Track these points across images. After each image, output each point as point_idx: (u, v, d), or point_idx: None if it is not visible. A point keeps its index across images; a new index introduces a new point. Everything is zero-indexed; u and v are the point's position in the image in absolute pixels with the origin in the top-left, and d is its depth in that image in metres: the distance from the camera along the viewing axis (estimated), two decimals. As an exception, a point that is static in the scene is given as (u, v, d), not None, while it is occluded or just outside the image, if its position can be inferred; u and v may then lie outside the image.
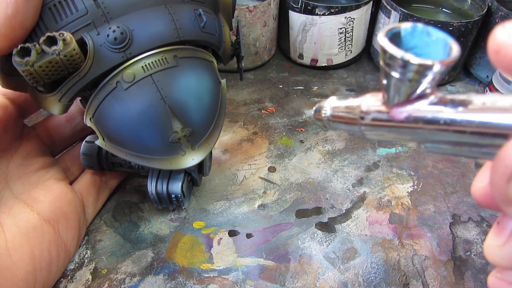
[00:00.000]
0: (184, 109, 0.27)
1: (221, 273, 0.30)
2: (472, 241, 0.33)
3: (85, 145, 0.32)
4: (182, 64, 0.26)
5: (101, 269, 0.30)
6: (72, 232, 0.30)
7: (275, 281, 0.30)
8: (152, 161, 0.27)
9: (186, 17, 0.26)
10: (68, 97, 0.25)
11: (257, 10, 0.46)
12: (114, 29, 0.24)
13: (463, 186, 0.38)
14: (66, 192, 0.31)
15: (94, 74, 0.24)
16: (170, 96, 0.26)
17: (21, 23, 0.23)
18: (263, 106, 0.46)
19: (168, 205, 0.32)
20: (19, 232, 0.26)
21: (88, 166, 0.32)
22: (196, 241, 0.32)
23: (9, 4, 0.22)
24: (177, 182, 0.30)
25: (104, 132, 0.27)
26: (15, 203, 0.28)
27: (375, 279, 0.30)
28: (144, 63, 0.25)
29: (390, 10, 0.47)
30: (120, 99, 0.25)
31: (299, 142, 0.42)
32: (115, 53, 0.24)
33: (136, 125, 0.26)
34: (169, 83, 0.26)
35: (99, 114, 0.26)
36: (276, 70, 0.52)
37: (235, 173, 0.38)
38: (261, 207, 0.35)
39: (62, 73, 0.24)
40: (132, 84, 0.25)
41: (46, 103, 0.26)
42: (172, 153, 0.27)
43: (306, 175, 0.38)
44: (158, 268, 0.30)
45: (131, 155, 0.27)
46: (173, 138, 0.27)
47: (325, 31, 0.48)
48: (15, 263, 0.25)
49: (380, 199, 0.36)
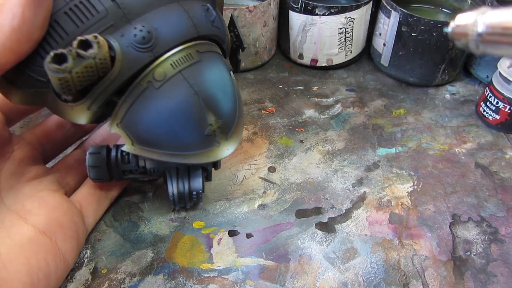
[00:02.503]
0: (215, 101, 0.27)
1: (221, 273, 0.30)
2: (472, 241, 0.33)
3: (91, 157, 0.30)
4: (204, 59, 0.27)
5: (101, 269, 0.30)
6: (71, 243, 0.29)
7: (275, 281, 0.30)
8: (189, 157, 0.27)
9: (199, 13, 0.26)
10: (98, 104, 0.24)
11: (257, 10, 0.46)
12: (140, 29, 0.24)
13: (463, 186, 0.38)
14: (62, 203, 0.29)
15: (124, 76, 0.24)
16: (202, 90, 0.26)
17: (28, 36, 0.22)
18: (263, 106, 0.46)
19: (186, 204, 0.33)
20: (14, 244, 0.25)
21: (96, 178, 0.31)
22: (196, 241, 0.32)
23: (15, 16, 0.21)
24: (197, 179, 0.31)
25: (135, 136, 0.26)
26: (7, 214, 0.27)
27: (375, 279, 0.30)
28: (172, 60, 0.25)
29: (390, 10, 0.47)
30: (153, 99, 0.25)
31: (299, 142, 0.42)
32: (143, 52, 0.24)
33: (172, 123, 0.26)
34: (198, 78, 0.26)
35: (129, 117, 0.25)
36: (276, 70, 0.52)
37: (235, 173, 0.38)
38: (261, 207, 0.35)
39: (93, 78, 0.23)
40: (164, 83, 0.25)
41: (73, 113, 0.25)
42: (208, 146, 0.28)
43: (306, 175, 0.38)
44: (158, 268, 0.30)
45: (166, 155, 0.27)
46: (209, 131, 0.27)
47: (325, 31, 0.48)
48: (11, 274, 0.24)
49: (380, 199, 0.36)
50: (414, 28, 0.45)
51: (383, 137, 0.43)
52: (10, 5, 0.21)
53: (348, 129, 0.44)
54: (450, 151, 0.41)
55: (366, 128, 0.44)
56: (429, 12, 0.53)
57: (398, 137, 0.43)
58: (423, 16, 0.44)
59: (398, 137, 0.43)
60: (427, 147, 0.42)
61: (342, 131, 0.43)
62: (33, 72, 0.23)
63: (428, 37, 0.45)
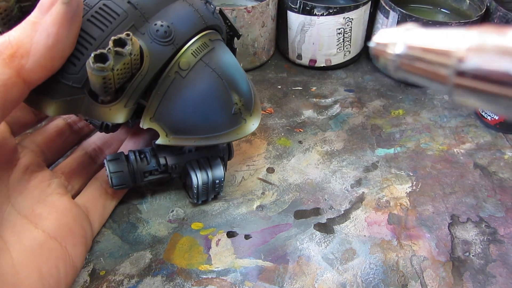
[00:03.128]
0: (235, 82, 0.30)
1: (219, 274, 0.30)
2: (471, 241, 0.33)
3: (112, 163, 0.30)
4: (216, 45, 0.29)
5: (99, 270, 0.30)
6: (79, 248, 0.29)
7: (273, 282, 0.30)
8: (221, 137, 0.29)
9: (201, 6, 0.29)
10: (133, 100, 0.26)
11: (255, 10, 0.46)
12: (161, 24, 0.26)
13: (461, 187, 0.38)
14: (71, 208, 0.29)
15: (153, 70, 0.26)
16: (223, 73, 0.29)
17: (61, 53, 0.23)
18: (262, 107, 0.46)
19: (209, 195, 0.34)
20: (25, 250, 0.25)
21: (119, 185, 0.31)
22: (195, 242, 0.32)
23: (50, 35, 0.22)
24: (219, 167, 0.32)
25: (168, 127, 0.28)
26: (18, 219, 0.27)
27: (373, 280, 0.30)
28: (192, 50, 0.28)
29: (388, 10, 0.47)
30: (182, 87, 0.27)
31: (298, 142, 0.42)
32: (166, 46, 0.26)
33: (203, 107, 0.28)
34: (217, 63, 0.29)
35: (161, 109, 0.27)
36: (274, 70, 0.52)
37: (234, 174, 0.38)
38: (260, 208, 0.35)
39: (128, 75, 0.25)
40: (189, 71, 0.27)
41: (110, 113, 0.26)
42: (236, 124, 0.30)
43: (305, 176, 0.38)
44: (157, 269, 0.30)
45: (199, 139, 0.29)
46: (235, 109, 0.30)
47: (324, 31, 0.48)
48: (22, 281, 0.24)
49: (379, 199, 0.36)
50: (413, 28, 0.45)
51: (381, 138, 0.43)
52: (45, 25, 0.22)
53: (347, 129, 0.44)
54: (448, 152, 0.41)
55: (365, 129, 0.44)
56: (428, 12, 0.53)
57: (396, 137, 0.43)
58: (421, 16, 0.44)
59: (397, 138, 0.43)
60: (426, 147, 0.42)
61: (340, 132, 0.43)
62: (67, 80, 0.24)
63: (427, 37, 0.45)
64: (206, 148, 0.32)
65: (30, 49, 0.22)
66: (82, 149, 0.35)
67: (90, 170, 0.34)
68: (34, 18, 0.22)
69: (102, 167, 0.35)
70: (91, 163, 0.35)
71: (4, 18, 0.24)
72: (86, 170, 0.34)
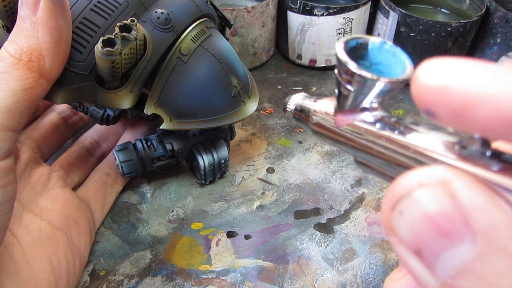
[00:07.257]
0: (233, 65, 0.31)
1: (219, 274, 0.30)
2: (471, 241, 0.33)
3: (121, 153, 0.32)
4: (212, 32, 0.31)
5: (99, 270, 0.30)
6: (85, 238, 0.30)
7: (273, 282, 0.30)
8: (222, 119, 0.30)
9: None
10: (139, 85, 0.27)
11: (255, 10, 0.46)
12: (161, 11, 0.27)
13: (461, 187, 0.38)
14: (73, 199, 0.30)
15: (157, 56, 0.27)
16: (222, 57, 0.30)
17: (67, 43, 0.24)
18: (262, 107, 0.46)
19: (216, 175, 0.35)
20: (34, 242, 0.26)
21: (129, 173, 0.33)
22: (195, 242, 0.32)
23: (52, 30, 0.22)
24: (223, 148, 0.34)
25: (172, 111, 0.29)
26: (24, 213, 0.27)
27: (373, 280, 0.30)
28: (191, 36, 0.29)
29: (388, 10, 0.47)
30: (184, 72, 0.28)
31: (298, 143, 0.42)
32: (167, 33, 0.27)
33: (204, 90, 0.29)
34: (215, 48, 0.30)
35: (165, 94, 0.28)
36: (274, 70, 0.52)
37: (234, 174, 0.38)
38: (260, 208, 0.35)
39: (133, 60, 0.26)
40: (190, 56, 0.29)
41: (117, 99, 0.27)
42: (236, 106, 0.31)
43: (305, 176, 0.38)
44: (156, 269, 0.30)
45: (202, 122, 0.30)
46: (235, 92, 0.31)
47: (324, 31, 0.48)
48: (36, 274, 0.25)
49: (379, 199, 0.36)
50: (413, 28, 0.45)
51: (381, 138, 0.43)
52: (43, 21, 0.22)
53: (347, 129, 0.43)
54: (448, 152, 0.41)
55: (365, 129, 0.44)
56: (428, 12, 0.53)
57: (396, 137, 0.43)
58: (421, 16, 0.44)
59: (397, 138, 0.43)
60: (426, 147, 0.42)
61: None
62: (74, 68, 0.25)
63: (427, 37, 0.45)
64: (209, 131, 0.34)
65: (42, 49, 0.22)
66: (79, 143, 0.36)
67: (88, 163, 0.35)
68: (28, 18, 0.22)
69: (99, 160, 0.36)
70: (89, 156, 0.36)
71: (8, 11, 0.24)
72: (84, 163, 0.35)
